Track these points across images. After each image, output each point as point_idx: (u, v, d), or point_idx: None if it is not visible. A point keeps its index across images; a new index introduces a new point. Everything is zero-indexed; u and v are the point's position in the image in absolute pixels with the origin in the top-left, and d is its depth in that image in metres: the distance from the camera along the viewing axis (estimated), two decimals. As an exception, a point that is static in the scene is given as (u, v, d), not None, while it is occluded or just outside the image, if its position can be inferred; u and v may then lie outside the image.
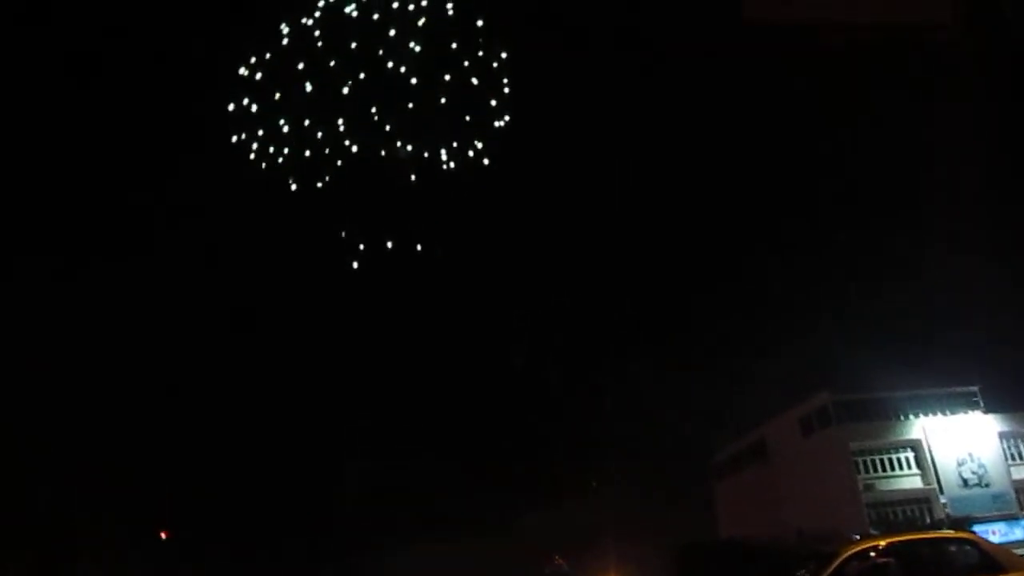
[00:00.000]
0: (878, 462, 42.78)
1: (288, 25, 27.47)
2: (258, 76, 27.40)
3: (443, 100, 27.28)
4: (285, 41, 27.41)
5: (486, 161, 28.06)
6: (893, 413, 43.79)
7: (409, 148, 26.86)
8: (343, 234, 29.61)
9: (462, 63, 27.42)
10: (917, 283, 47.73)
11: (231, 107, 27.64)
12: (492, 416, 61.32)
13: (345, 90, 26.90)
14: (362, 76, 26.91)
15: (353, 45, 26.82)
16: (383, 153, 26.89)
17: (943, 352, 44.42)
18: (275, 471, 58.88)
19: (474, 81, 27.49)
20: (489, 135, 27.97)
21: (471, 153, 27.74)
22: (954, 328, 44.63)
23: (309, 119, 27.20)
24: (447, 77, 27.32)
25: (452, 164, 27.51)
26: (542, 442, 59.61)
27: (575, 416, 60.80)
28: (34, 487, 44.74)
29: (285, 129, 27.33)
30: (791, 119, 48.66)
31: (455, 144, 27.60)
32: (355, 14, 27.03)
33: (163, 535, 48.32)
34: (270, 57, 27.44)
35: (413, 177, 27.96)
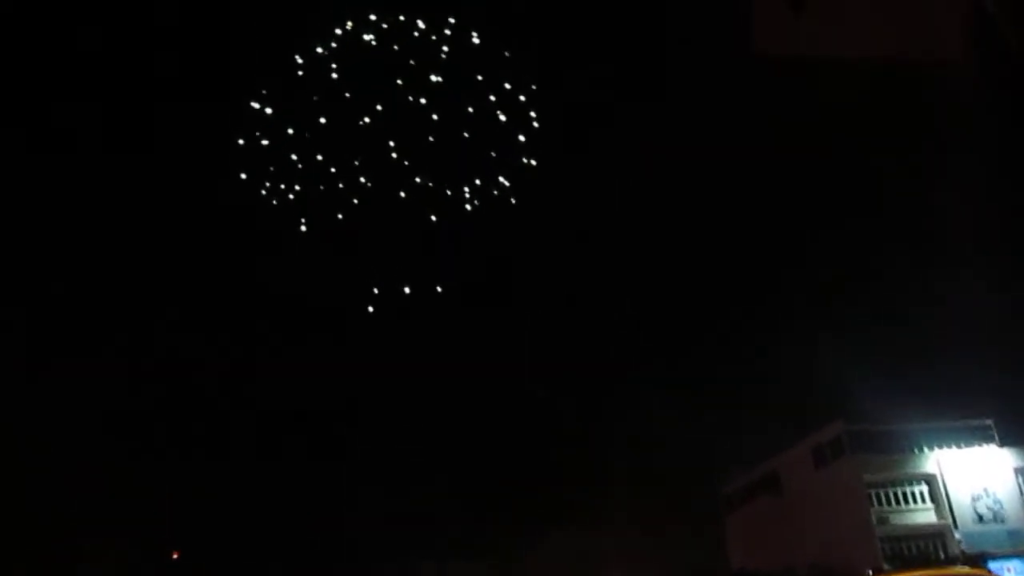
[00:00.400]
0: (892, 495, 42.28)
1: (302, 55, 25.69)
2: (269, 109, 25.92)
3: (466, 135, 25.48)
4: (299, 72, 25.59)
5: (512, 200, 26.47)
6: (907, 445, 43.32)
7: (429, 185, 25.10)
8: (357, 276, 27.87)
9: (487, 96, 25.70)
10: (932, 315, 47.61)
11: (241, 141, 26.36)
12: (502, 443, 61.15)
13: (361, 123, 25.08)
14: (379, 108, 24.92)
15: (371, 76, 24.95)
16: (402, 192, 25.16)
17: (957, 384, 44.20)
18: (286, 494, 58.87)
19: (500, 115, 25.79)
20: (515, 172, 26.30)
21: (495, 191, 26.07)
22: (969, 360, 44.42)
23: (323, 154, 25.50)
24: (470, 110, 25.57)
25: (475, 203, 25.86)
26: (551, 471, 59.32)
27: (585, 444, 60.57)
28: (44, 505, 45.00)
29: (298, 165, 25.74)
30: (808, 156, 48.96)
31: (478, 182, 25.86)
32: (373, 43, 25.22)
33: (174, 555, 48.29)
34: (283, 89, 25.94)
35: (433, 216, 26.27)
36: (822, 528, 43.86)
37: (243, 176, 26.73)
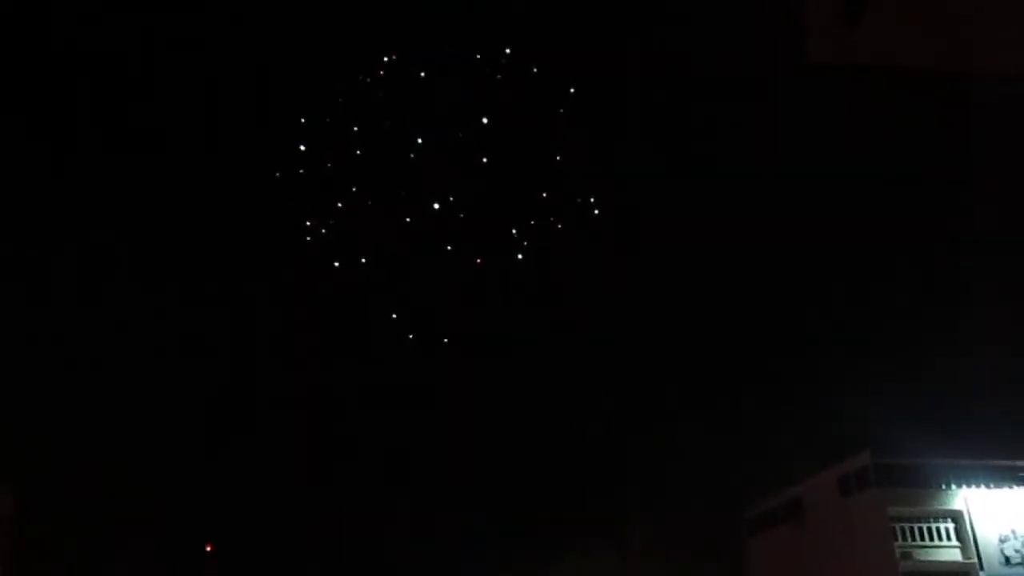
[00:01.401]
0: (916, 530, 42.02)
1: (343, 86, 24.35)
2: (306, 145, 24.67)
3: (519, 172, 23.93)
4: (340, 102, 24.28)
5: (568, 239, 24.94)
6: (935, 481, 42.97)
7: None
8: (395, 317, 26.65)
9: (544, 136, 24.17)
10: (969, 353, 47.23)
11: (278, 174, 25.28)
12: (526, 461, 61.38)
13: (405, 158, 23.87)
14: (420, 142, 23.74)
15: (416, 112, 23.88)
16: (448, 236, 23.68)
17: (989, 424, 43.78)
18: (321, 497, 59.78)
19: (556, 156, 24.23)
20: (571, 216, 24.57)
21: (549, 236, 24.47)
22: (1003, 401, 44.01)
23: (362, 190, 24.17)
24: (523, 147, 23.99)
25: (526, 247, 24.25)
26: (572, 490, 59.50)
27: (608, 464, 60.67)
28: (75, 497, 46.18)
29: (337, 202, 24.50)
30: (849, 185, 48.69)
31: (532, 222, 24.17)
32: (422, 75, 23.95)
33: (208, 547, 49.40)
34: (324, 120, 24.55)
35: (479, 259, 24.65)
36: (844, 559, 43.80)
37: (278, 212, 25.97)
